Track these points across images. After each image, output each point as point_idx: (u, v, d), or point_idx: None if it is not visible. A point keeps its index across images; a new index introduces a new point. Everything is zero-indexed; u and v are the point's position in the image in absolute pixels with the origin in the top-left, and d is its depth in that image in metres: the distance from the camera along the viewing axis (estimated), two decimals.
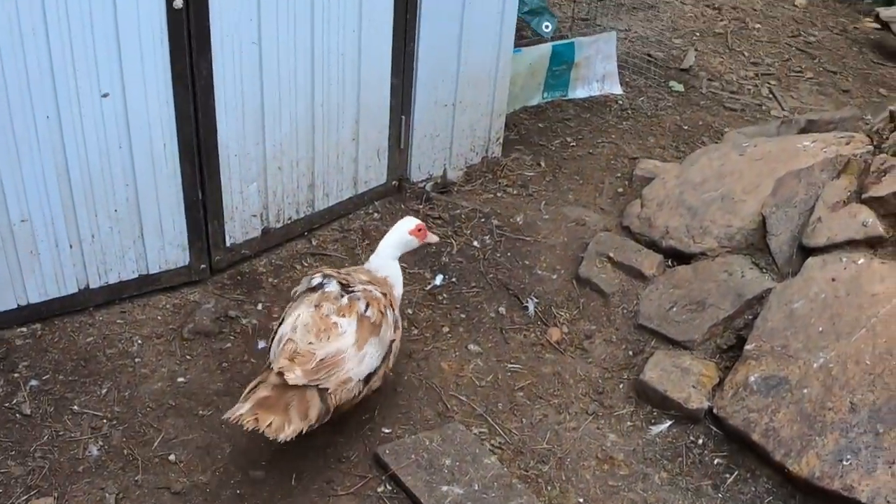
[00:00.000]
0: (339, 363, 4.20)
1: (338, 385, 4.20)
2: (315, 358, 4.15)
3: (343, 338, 4.28)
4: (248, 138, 5.47)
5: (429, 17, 6.07)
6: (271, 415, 3.98)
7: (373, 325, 4.37)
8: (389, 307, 4.56)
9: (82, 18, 4.63)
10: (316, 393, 4.14)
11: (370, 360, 4.38)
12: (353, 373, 4.26)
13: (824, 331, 4.82)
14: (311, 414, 4.11)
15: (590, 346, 5.36)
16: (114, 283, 5.41)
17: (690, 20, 10.55)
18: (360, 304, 4.41)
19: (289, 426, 4.00)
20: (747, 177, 5.91)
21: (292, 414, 4.04)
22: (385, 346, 4.49)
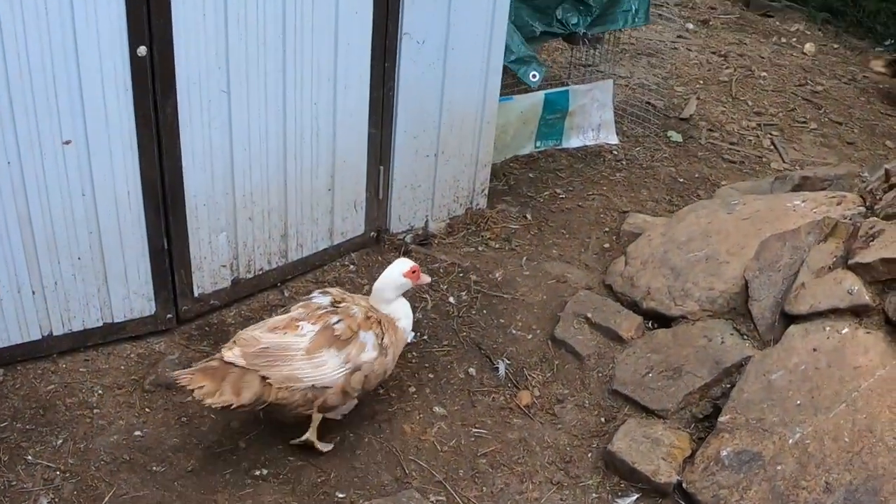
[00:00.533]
0: (283, 357, 4.36)
1: (282, 379, 4.36)
2: (259, 344, 4.36)
3: (297, 337, 4.44)
4: (217, 187, 5.34)
5: (408, 65, 5.94)
6: (206, 380, 4.26)
7: (336, 336, 4.48)
8: (372, 331, 4.63)
9: (43, 64, 4.54)
10: (257, 379, 4.33)
11: (328, 369, 4.46)
12: (303, 374, 4.39)
13: (802, 404, 4.66)
14: (244, 394, 4.31)
15: (561, 411, 5.20)
16: (78, 331, 5.31)
17: (695, 67, 10.43)
18: (332, 318, 4.53)
19: (219, 396, 4.26)
20: (733, 237, 5.75)
21: (225, 386, 4.28)
22: (352, 363, 4.55)
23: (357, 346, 4.55)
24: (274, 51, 5.27)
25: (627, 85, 9.33)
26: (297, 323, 4.50)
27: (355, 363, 4.55)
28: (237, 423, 5.00)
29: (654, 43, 9.85)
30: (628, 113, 8.70)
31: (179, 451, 4.85)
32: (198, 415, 5.05)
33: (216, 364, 4.34)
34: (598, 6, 7.54)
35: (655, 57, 9.59)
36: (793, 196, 6.22)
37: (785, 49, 11.42)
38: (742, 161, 8.39)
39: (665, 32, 10.31)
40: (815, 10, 12.52)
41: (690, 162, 8.22)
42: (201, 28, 4.92)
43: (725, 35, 11.76)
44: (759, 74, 10.49)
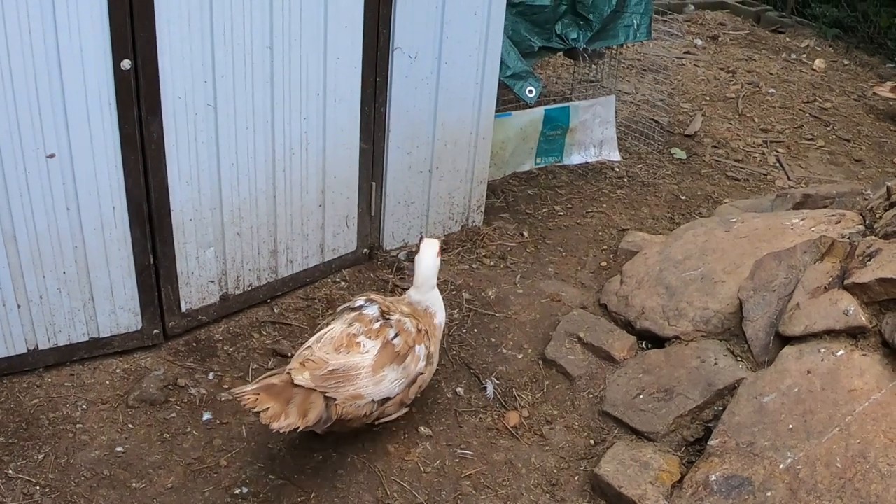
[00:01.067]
0: (350, 378, 4.36)
1: (347, 398, 4.35)
2: (327, 367, 4.31)
3: (362, 356, 4.44)
4: (204, 202, 5.29)
5: (400, 79, 5.89)
6: (272, 401, 4.12)
7: (396, 353, 4.53)
8: (423, 343, 4.70)
9: (26, 77, 4.50)
10: (321, 398, 4.27)
11: (389, 384, 4.52)
12: (366, 391, 4.42)
13: (795, 428, 4.57)
14: (309, 415, 4.22)
15: (549, 432, 5.12)
16: (63, 346, 5.26)
17: (702, 83, 10.37)
18: (390, 332, 4.57)
19: (285, 419, 4.14)
20: (730, 256, 5.67)
21: (291, 409, 4.17)
22: (409, 376, 4.63)
23: (414, 360, 4.65)
24: (261, 64, 5.22)
25: (632, 101, 9.26)
26: (357, 340, 4.51)
27: (412, 376, 4.66)
28: (220, 441, 4.96)
29: (661, 59, 9.76)
30: (632, 129, 8.63)
31: (160, 468, 4.79)
32: (180, 432, 5.01)
33: (278, 383, 4.24)
34: (598, 21, 7.48)
35: (662, 73, 9.49)
36: (792, 214, 6.14)
37: (794, 65, 11.36)
38: (746, 178, 8.32)
39: (672, 48, 10.24)
40: (825, 26, 12.47)
41: (693, 179, 8.15)
42: (186, 40, 4.88)
43: (734, 51, 11.71)
44: (767, 91, 10.42)
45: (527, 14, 7.24)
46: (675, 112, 9.43)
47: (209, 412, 5.16)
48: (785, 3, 13.50)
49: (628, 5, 7.68)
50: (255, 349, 5.60)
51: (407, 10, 5.73)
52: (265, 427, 4.25)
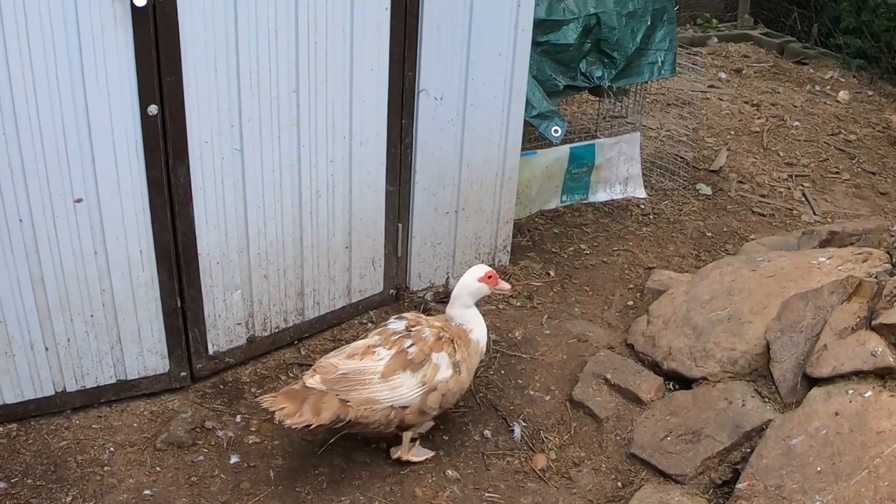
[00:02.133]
0: (363, 382, 4.60)
1: (361, 402, 4.59)
2: (337, 371, 4.60)
3: (373, 363, 4.66)
4: (231, 246, 5.31)
5: (426, 121, 5.89)
6: (287, 402, 4.50)
7: (410, 360, 4.68)
8: (444, 351, 4.82)
9: (54, 122, 4.54)
10: (335, 400, 4.55)
11: (405, 390, 4.67)
12: (381, 396, 4.62)
13: (823, 471, 4.54)
14: (323, 414, 4.53)
15: (577, 475, 5.09)
16: (91, 388, 5.28)
17: (726, 117, 10.35)
18: (407, 342, 4.74)
19: (298, 416, 4.48)
20: (756, 296, 5.65)
21: (306, 408, 4.51)
22: (427, 383, 4.73)
23: (431, 368, 4.73)
24: (287, 107, 5.24)
25: (657, 136, 9.24)
26: (373, 349, 4.72)
27: (431, 384, 4.73)
28: (247, 484, 4.96)
29: (685, 93, 9.76)
30: (657, 165, 8.62)
31: None
32: (208, 475, 5.01)
33: (297, 388, 4.59)
34: (622, 59, 7.48)
35: (686, 107, 9.48)
36: (819, 252, 6.11)
37: (818, 97, 11.32)
38: (772, 214, 8.28)
39: (696, 82, 10.23)
40: (849, 57, 12.42)
41: (719, 215, 8.12)
42: (213, 85, 4.90)
43: (758, 84, 11.68)
44: (792, 124, 10.39)
45: (551, 53, 7.24)
46: (700, 147, 9.40)
47: (237, 455, 5.16)
48: (808, 35, 13.47)
49: (652, 42, 7.68)
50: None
51: (432, 52, 5.74)
52: (281, 425, 4.56)
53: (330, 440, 5.17)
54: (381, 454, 5.17)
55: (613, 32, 7.45)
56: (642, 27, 7.63)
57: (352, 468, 5.09)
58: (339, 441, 5.19)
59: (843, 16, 12.74)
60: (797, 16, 13.88)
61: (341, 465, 5.09)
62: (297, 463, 5.11)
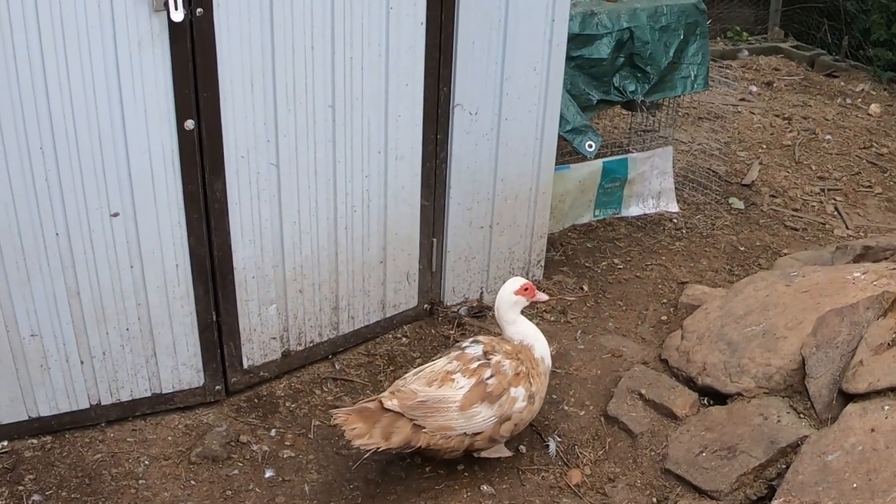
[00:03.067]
0: (440, 410, 4.60)
1: (437, 429, 4.61)
2: (416, 398, 4.59)
3: (453, 392, 4.66)
4: (266, 260, 5.33)
5: (461, 136, 5.90)
6: (359, 422, 4.50)
7: (488, 392, 4.70)
8: (522, 385, 4.87)
9: (90, 137, 4.57)
10: (409, 425, 4.56)
11: (482, 420, 4.72)
12: (457, 424, 4.65)
13: (859, 487, 4.51)
14: (392, 439, 4.55)
15: (611, 490, 5.07)
16: (126, 401, 5.31)
17: (758, 131, 10.32)
18: (486, 372, 4.75)
19: (368, 438, 4.50)
20: (791, 311, 5.62)
21: (376, 430, 4.52)
22: (503, 415, 4.79)
23: (509, 401, 4.78)
24: (323, 122, 5.25)
25: (689, 150, 9.22)
26: (452, 376, 4.72)
27: (506, 414, 4.79)
28: (282, 498, 4.97)
29: (717, 106, 9.74)
30: (689, 179, 8.59)
31: None
32: (242, 489, 5.01)
33: (372, 407, 4.57)
34: (655, 73, 7.48)
35: (717, 121, 9.47)
36: (853, 267, 6.08)
37: (850, 110, 11.28)
38: (805, 228, 8.25)
39: (728, 95, 10.21)
40: (880, 70, 12.38)
41: (752, 230, 8.09)
42: (249, 100, 4.92)
43: (789, 97, 11.65)
44: (824, 137, 10.35)
45: (585, 67, 7.24)
46: (732, 161, 9.38)
47: (272, 469, 5.16)
48: (839, 47, 13.42)
49: (685, 57, 7.68)
50: (317, 405, 5.60)
51: (467, 67, 5.75)
52: (350, 444, 4.63)
53: (365, 455, 5.16)
54: (416, 469, 5.16)
55: (646, 46, 7.45)
56: (675, 41, 7.62)
57: (387, 483, 5.08)
58: (373, 456, 5.17)
59: (874, 28, 12.69)
60: (827, 28, 13.84)
61: (376, 480, 5.09)
62: (331, 477, 5.11)
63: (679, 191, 8.42)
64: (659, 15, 7.51)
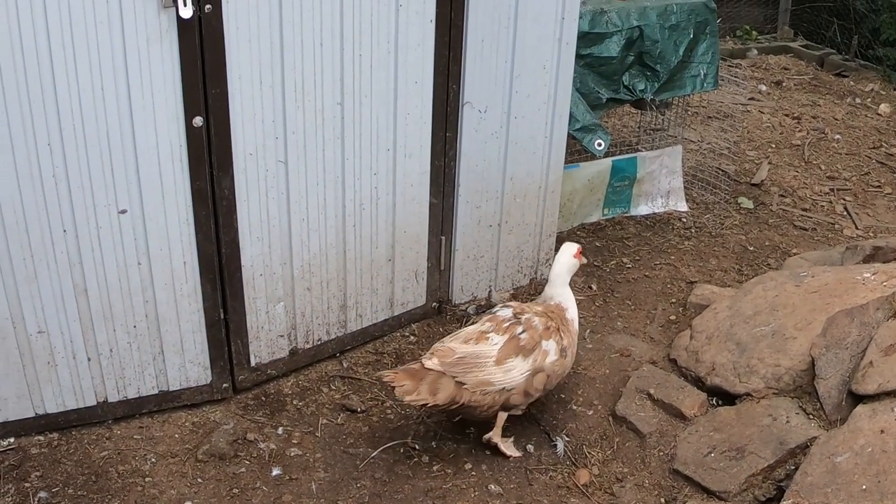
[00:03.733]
0: (478, 365, 4.83)
1: (476, 384, 4.82)
2: (454, 354, 4.83)
3: (488, 347, 4.91)
4: (274, 258, 5.31)
5: (470, 134, 5.88)
6: (407, 380, 4.74)
7: (522, 346, 4.94)
8: (553, 339, 5.10)
9: (98, 133, 4.56)
10: (452, 382, 4.78)
11: (517, 374, 4.93)
12: (495, 378, 4.86)
13: (868, 489, 4.49)
14: (439, 395, 4.78)
15: (619, 490, 5.05)
16: (133, 398, 5.29)
17: (767, 130, 10.29)
18: (518, 328, 5.00)
19: (417, 395, 4.73)
20: (800, 312, 5.59)
21: (423, 387, 4.75)
22: (535, 366, 5.00)
23: (541, 354, 5.00)
24: (332, 119, 5.23)
25: (698, 150, 9.18)
26: (486, 335, 4.96)
27: (538, 367, 4.98)
28: (289, 497, 4.95)
29: (726, 105, 9.71)
30: (698, 179, 8.56)
31: None
32: (249, 487, 4.99)
33: (415, 367, 4.81)
34: (665, 72, 7.45)
35: (727, 120, 9.43)
36: (863, 268, 6.06)
37: (859, 110, 11.24)
38: (814, 228, 8.22)
39: (737, 95, 10.18)
40: (889, 70, 12.34)
41: (761, 229, 8.06)
42: (258, 97, 4.91)
43: (799, 96, 11.62)
44: (833, 137, 10.32)
45: (594, 66, 7.22)
46: (742, 160, 9.35)
47: (278, 468, 5.15)
48: (848, 47, 13.39)
49: (695, 55, 7.65)
50: (325, 404, 5.59)
51: (476, 65, 5.73)
52: (400, 401, 4.93)
53: (372, 454, 5.15)
54: (423, 468, 5.16)
55: (656, 45, 7.43)
56: (685, 40, 7.59)
57: (394, 481, 5.08)
58: (380, 455, 5.19)
59: (884, 27, 12.67)
60: (837, 28, 13.81)
61: (383, 479, 5.08)
62: (338, 476, 5.10)
63: (688, 190, 8.40)
64: (669, 13, 7.48)
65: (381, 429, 5.44)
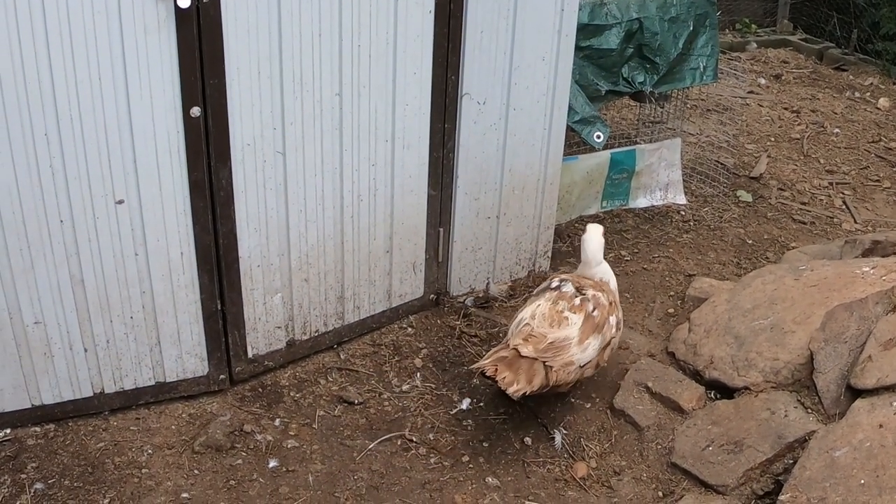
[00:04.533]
0: (564, 348, 4.97)
1: (562, 365, 4.95)
2: (546, 340, 4.96)
3: (570, 329, 5.05)
4: (272, 249, 5.30)
5: (468, 125, 5.87)
6: (506, 370, 4.83)
7: (596, 324, 5.13)
8: (615, 314, 5.34)
9: (96, 123, 4.54)
10: (542, 367, 4.90)
11: (591, 351, 5.10)
12: (576, 358, 5.01)
13: (867, 484, 4.48)
14: (534, 381, 4.89)
15: (617, 483, 5.05)
16: (129, 389, 5.27)
17: (766, 124, 10.28)
18: (589, 306, 5.17)
19: (517, 384, 4.83)
20: (799, 305, 5.58)
21: (521, 376, 4.85)
22: (604, 341, 5.21)
23: (608, 329, 5.23)
24: (330, 110, 5.22)
25: (697, 142, 9.18)
26: (564, 315, 5.14)
27: (606, 341, 5.23)
28: (286, 489, 4.95)
29: (725, 99, 9.69)
30: (697, 172, 8.55)
31: None
32: (246, 479, 4.98)
33: (507, 356, 4.92)
34: (664, 64, 7.44)
35: (726, 113, 9.41)
36: (862, 262, 6.05)
37: (858, 104, 11.23)
38: (813, 222, 8.21)
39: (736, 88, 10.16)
40: (889, 63, 12.32)
41: (760, 223, 8.05)
42: (256, 88, 4.89)
43: (798, 90, 11.60)
44: (832, 131, 10.31)
45: (593, 58, 7.21)
46: (741, 153, 9.34)
47: (275, 459, 5.14)
48: (848, 41, 13.37)
49: (695, 48, 7.63)
50: (322, 395, 5.58)
51: (475, 56, 5.72)
52: (502, 392, 4.91)
53: (370, 446, 5.15)
54: (420, 460, 5.16)
55: (656, 37, 7.41)
56: (684, 32, 7.58)
57: (391, 474, 5.08)
58: (378, 447, 5.19)
59: (883, 21, 12.65)
60: (836, 21, 13.79)
61: (380, 471, 5.08)
62: (335, 468, 5.10)
63: (687, 183, 8.39)
64: (668, 6, 7.47)
65: (378, 421, 5.43)
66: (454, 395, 5.67)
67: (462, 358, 5.92)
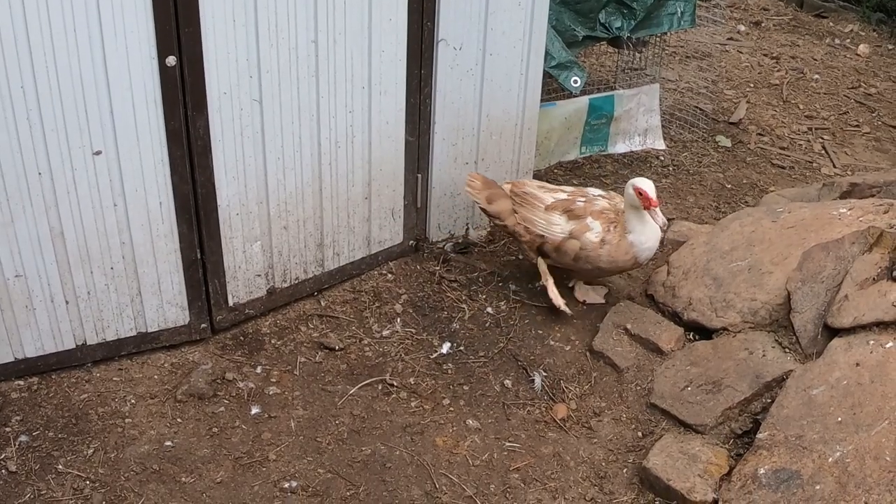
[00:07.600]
0: (532, 204, 5.66)
1: (523, 218, 5.68)
2: (523, 188, 5.76)
3: (547, 195, 5.69)
4: (250, 197, 5.30)
5: (445, 71, 5.87)
6: (479, 180, 5.94)
7: (571, 209, 5.55)
8: (601, 222, 5.52)
9: (72, 75, 4.52)
10: (508, 205, 5.77)
11: (557, 229, 5.55)
12: (537, 221, 5.63)
13: (843, 421, 4.52)
14: (492, 206, 5.83)
15: (597, 424, 5.09)
16: (111, 340, 5.29)
17: (746, 70, 10.29)
18: (580, 198, 5.63)
19: (478, 193, 5.88)
20: (777, 247, 5.61)
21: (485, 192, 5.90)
22: (573, 231, 5.54)
23: (582, 226, 5.47)
24: (306, 58, 5.21)
25: (676, 89, 9.19)
26: (557, 191, 5.70)
27: (576, 235, 5.47)
28: (268, 435, 4.97)
29: (704, 45, 9.70)
30: (676, 117, 8.57)
31: (209, 462, 4.81)
32: (228, 426, 5.02)
33: (492, 181, 5.88)
34: (641, 9, 7.43)
35: (705, 60, 9.42)
36: (839, 204, 6.06)
37: (838, 51, 11.25)
38: (792, 166, 8.24)
39: (715, 34, 10.16)
40: (869, 10, 12.33)
41: (739, 167, 8.08)
42: (231, 36, 4.88)
43: (778, 37, 11.61)
44: (812, 77, 10.33)
45: (570, 3, 7.20)
46: (720, 99, 9.35)
47: (257, 406, 5.18)
48: None
49: None
50: (303, 342, 5.60)
51: (450, 2, 5.71)
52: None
53: (350, 391, 5.18)
54: (401, 404, 5.20)
55: None
56: None
57: (372, 418, 5.11)
58: (358, 392, 5.22)
59: None
60: None
61: (362, 416, 5.11)
62: (317, 413, 5.13)
63: (666, 128, 8.40)
64: None
65: (359, 366, 5.47)
66: (434, 339, 5.70)
67: (442, 303, 5.95)
